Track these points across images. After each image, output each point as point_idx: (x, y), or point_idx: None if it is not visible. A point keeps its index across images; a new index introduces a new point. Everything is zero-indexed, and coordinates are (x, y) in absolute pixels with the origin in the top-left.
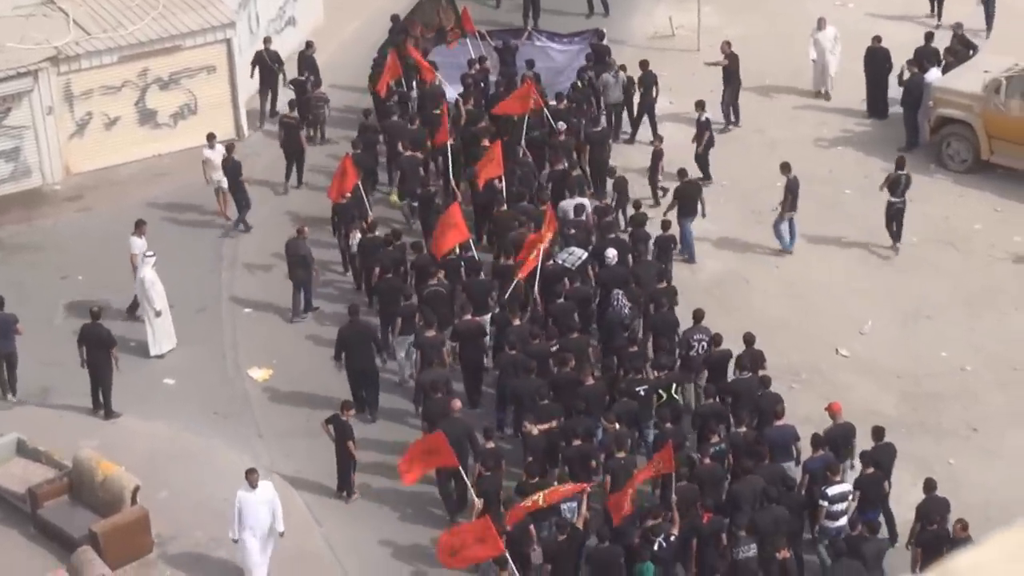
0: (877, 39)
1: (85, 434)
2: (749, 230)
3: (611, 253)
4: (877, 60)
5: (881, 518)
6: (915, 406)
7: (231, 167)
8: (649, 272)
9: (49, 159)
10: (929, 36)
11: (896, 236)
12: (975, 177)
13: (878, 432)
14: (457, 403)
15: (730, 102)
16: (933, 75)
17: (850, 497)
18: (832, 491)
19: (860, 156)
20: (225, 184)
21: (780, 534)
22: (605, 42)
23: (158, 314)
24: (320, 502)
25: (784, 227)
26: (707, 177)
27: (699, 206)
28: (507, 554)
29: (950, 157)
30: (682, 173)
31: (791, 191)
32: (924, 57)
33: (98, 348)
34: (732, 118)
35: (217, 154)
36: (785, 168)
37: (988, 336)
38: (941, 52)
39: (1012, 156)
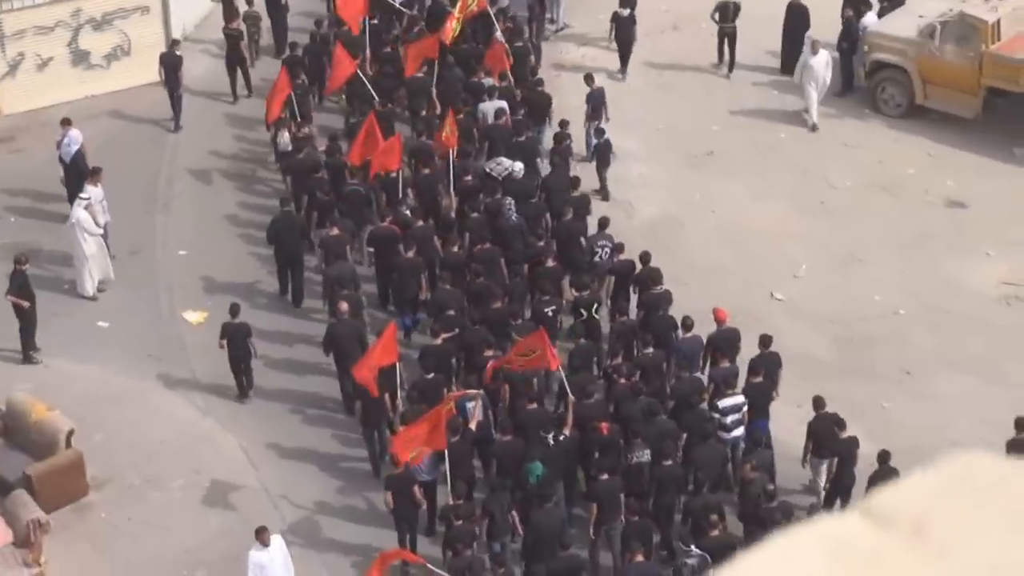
0: None
1: (19, 377)
2: (684, 174)
3: (518, 166)
4: (796, 17)
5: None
6: (848, 350)
7: (170, 61)
8: (560, 183)
9: None
10: None
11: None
12: (909, 122)
13: (765, 340)
14: (344, 305)
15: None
16: (868, 19)
17: (744, 409)
18: (724, 403)
19: (796, 100)
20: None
21: (666, 443)
22: None
23: (84, 258)
24: (256, 447)
25: (591, 136)
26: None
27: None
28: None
29: (885, 102)
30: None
31: (591, 101)
32: (860, 1)
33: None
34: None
35: (100, 193)
36: (588, 79)
37: (921, 280)
38: None
39: (946, 101)
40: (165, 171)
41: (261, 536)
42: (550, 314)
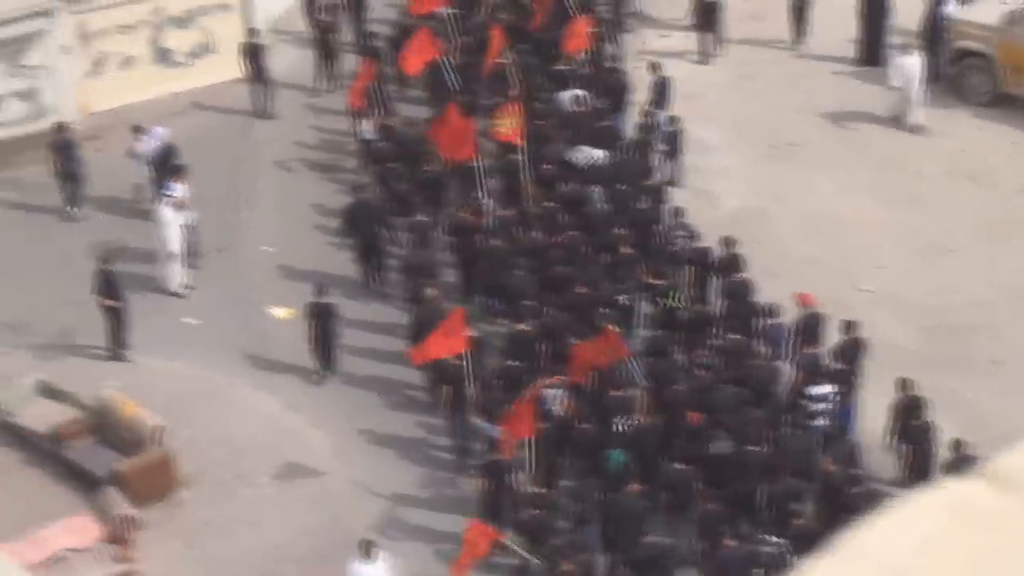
0: None
1: (108, 375)
2: (767, 165)
3: (599, 154)
4: (875, 5)
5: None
6: (936, 340)
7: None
8: (633, 169)
9: (66, 98)
10: None
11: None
12: (994, 110)
13: (849, 326)
14: (431, 291)
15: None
16: (951, 7)
17: (833, 398)
18: (814, 391)
19: (879, 90)
20: (146, 180)
21: (749, 430)
22: None
23: (170, 255)
24: (344, 442)
25: (653, 122)
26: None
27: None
28: (467, 354)
29: (969, 90)
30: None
31: (657, 89)
32: None
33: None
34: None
35: (144, 146)
36: (653, 67)
37: (1008, 269)
38: None
39: None
40: (249, 167)
41: (367, 550)
42: (624, 302)
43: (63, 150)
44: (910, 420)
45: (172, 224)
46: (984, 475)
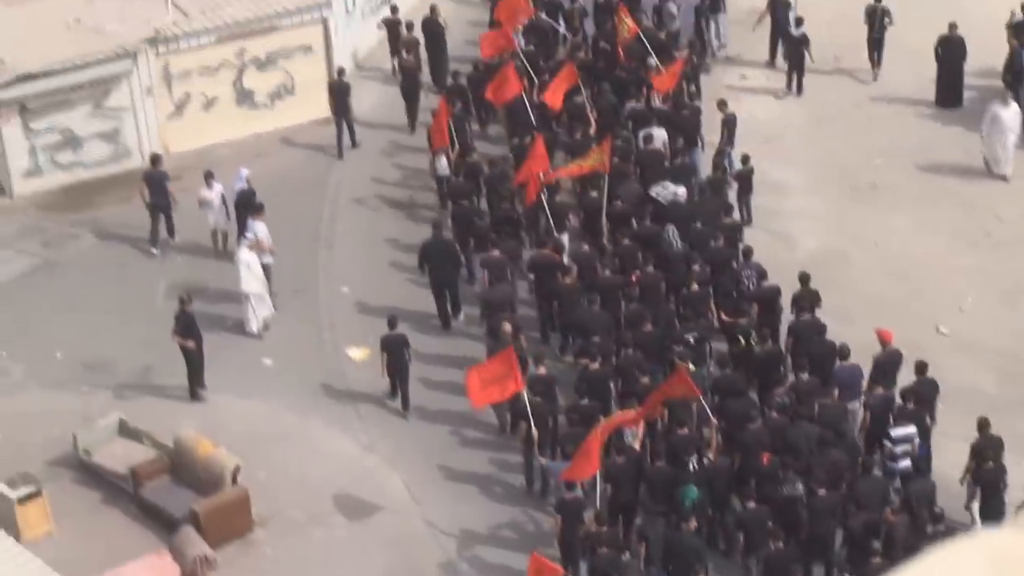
0: (953, 26)
1: (185, 414)
2: (847, 207)
3: (681, 191)
4: (953, 48)
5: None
6: (1016, 384)
7: (339, 89)
8: (710, 208)
9: (148, 140)
10: None
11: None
12: None
13: (921, 367)
14: (507, 326)
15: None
16: None
17: (915, 440)
18: (896, 433)
19: (959, 131)
20: (224, 225)
21: (838, 476)
22: None
23: (247, 297)
24: (419, 482)
25: (725, 161)
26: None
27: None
28: (526, 393)
29: (1007, 91)
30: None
31: (727, 127)
32: None
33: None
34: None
35: (215, 194)
36: (721, 105)
37: None
38: None
39: None
40: (328, 208)
41: None
42: (691, 341)
43: (153, 182)
44: (984, 463)
45: (250, 265)
46: (1020, 524)
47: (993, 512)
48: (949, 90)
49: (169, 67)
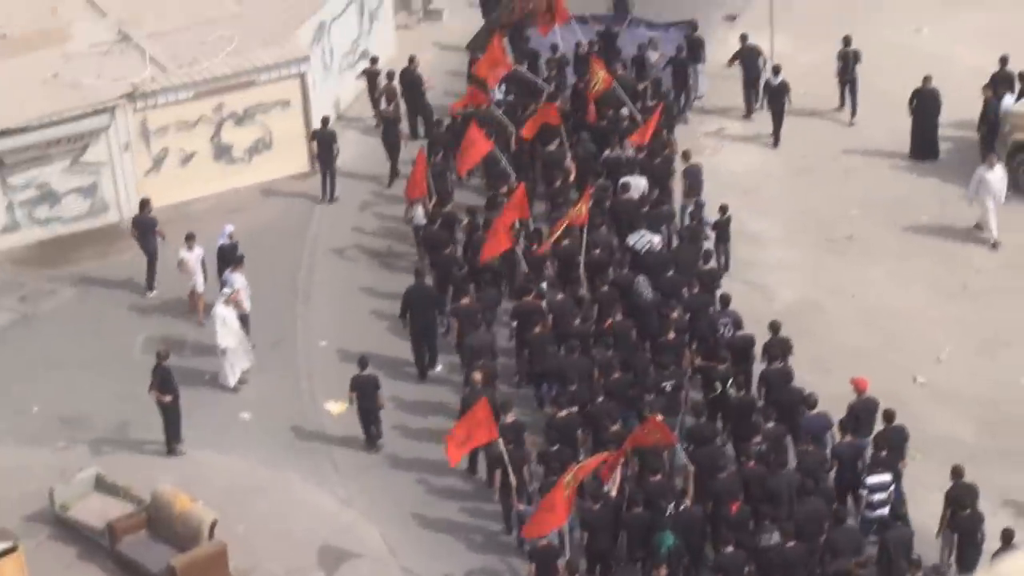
0: (927, 79)
1: (163, 469)
2: (824, 258)
3: (656, 239)
4: (927, 101)
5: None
6: (994, 434)
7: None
8: (686, 256)
9: (126, 194)
10: (1004, 60)
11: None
12: None
13: (889, 415)
14: (477, 375)
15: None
16: (1007, 100)
17: (890, 488)
18: (872, 481)
19: (936, 183)
20: (201, 287)
21: (818, 526)
22: (698, 34)
23: (224, 352)
24: (397, 533)
25: (682, 208)
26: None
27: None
28: (501, 441)
29: (993, 154)
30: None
31: (687, 178)
32: (1000, 82)
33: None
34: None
35: (195, 256)
36: (685, 156)
37: None
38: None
39: None
40: (306, 261)
41: None
42: (668, 388)
43: (142, 227)
44: (961, 510)
45: (226, 320)
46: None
47: (969, 561)
48: (924, 143)
49: (147, 122)
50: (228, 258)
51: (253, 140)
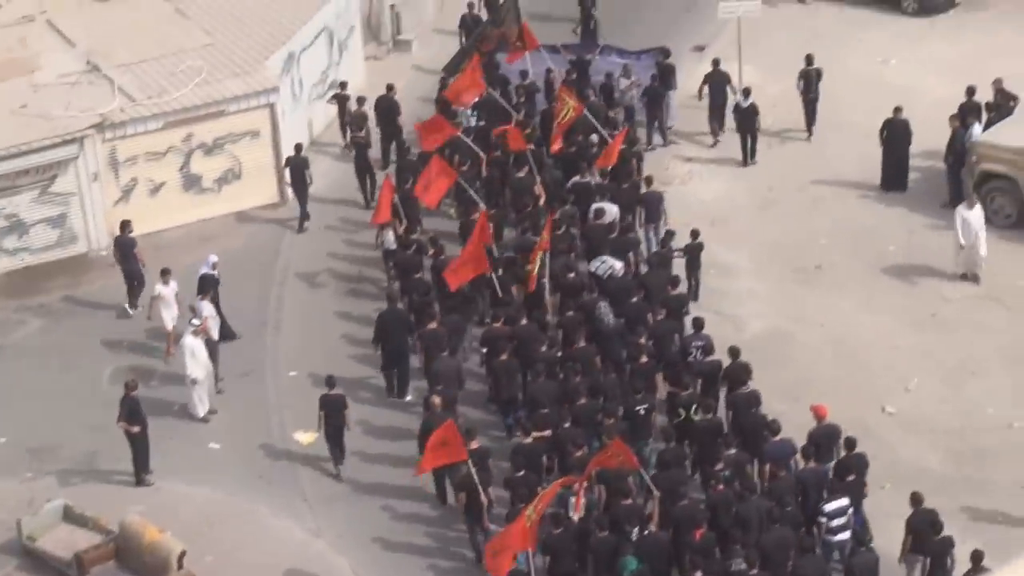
0: (898, 109)
1: (131, 499)
2: (792, 288)
3: (619, 265)
4: (898, 132)
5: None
6: (962, 463)
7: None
8: (655, 281)
9: (95, 225)
10: (971, 91)
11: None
12: (1020, 232)
13: (850, 442)
14: (436, 399)
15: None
16: (975, 130)
17: (849, 512)
18: (829, 507)
19: (903, 212)
20: (171, 324)
21: (785, 554)
22: (669, 61)
23: (193, 382)
24: (366, 563)
25: (644, 235)
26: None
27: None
28: (470, 463)
29: (994, 212)
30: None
31: (645, 204)
32: (967, 112)
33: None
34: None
35: (170, 291)
36: (647, 181)
37: None
38: (983, 106)
39: None
40: (276, 291)
41: None
42: (642, 412)
43: (122, 249)
44: (931, 534)
45: (194, 351)
46: None
47: None
48: (895, 174)
49: (116, 152)
50: (209, 288)
51: (222, 170)
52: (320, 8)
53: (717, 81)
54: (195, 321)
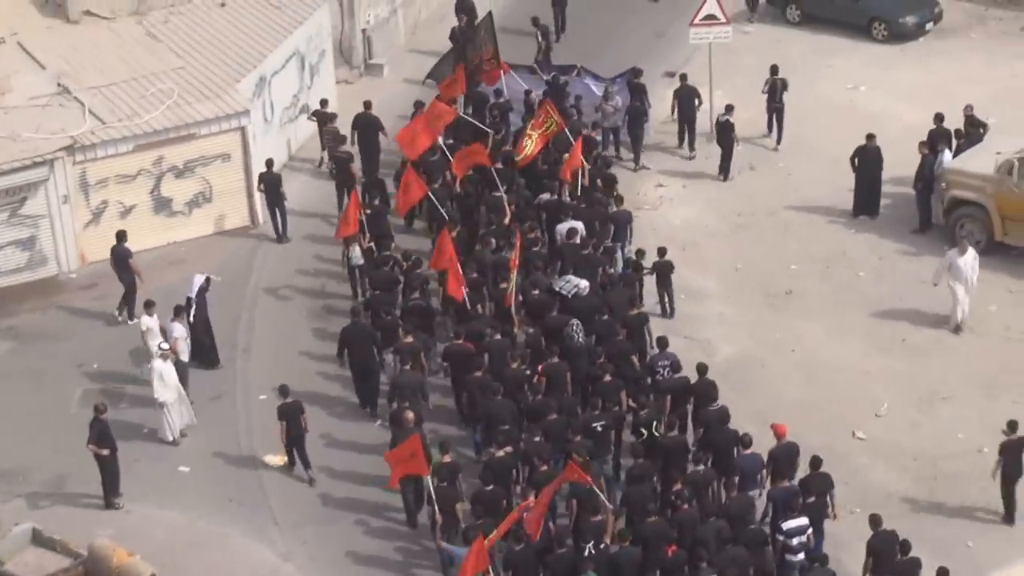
0: (870, 136)
1: (100, 523)
2: (763, 314)
3: (584, 284)
4: (869, 158)
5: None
6: (932, 488)
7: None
8: (617, 300)
9: (65, 248)
10: (940, 118)
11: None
12: (989, 258)
13: (815, 462)
14: (410, 415)
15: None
16: (945, 157)
17: (808, 531)
18: (788, 525)
19: (873, 238)
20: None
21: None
22: (641, 80)
23: (161, 405)
24: None
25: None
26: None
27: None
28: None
29: (964, 238)
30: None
31: (614, 222)
32: (937, 139)
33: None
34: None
35: (156, 322)
36: (617, 201)
37: (1005, 418)
38: (952, 133)
39: None
40: (245, 316)
41: None
42: (599, 429)
43: (117, 259)
44: (894, 555)
45: (163, 375)
46: None
47: None
48: (867, 200)
49: (86, 175)
50: (182, 311)
51: (193, 193)
52: (291, 32)
53: (685, 95)
54: (163, 345)
